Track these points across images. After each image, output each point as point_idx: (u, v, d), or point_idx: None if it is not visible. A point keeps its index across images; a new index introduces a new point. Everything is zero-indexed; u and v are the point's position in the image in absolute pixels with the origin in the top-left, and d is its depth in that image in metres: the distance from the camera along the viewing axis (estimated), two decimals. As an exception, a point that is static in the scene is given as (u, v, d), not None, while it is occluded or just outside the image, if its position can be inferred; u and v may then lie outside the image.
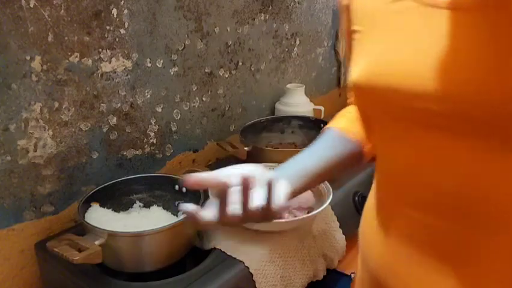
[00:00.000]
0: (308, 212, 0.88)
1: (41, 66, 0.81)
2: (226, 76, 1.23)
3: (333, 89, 1.79)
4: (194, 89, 1.14)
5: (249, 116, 1.35)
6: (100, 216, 0.82)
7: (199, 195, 0.84)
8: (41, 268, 0.87)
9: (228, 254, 0.81)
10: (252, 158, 1.06)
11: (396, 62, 0.44)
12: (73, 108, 0.88)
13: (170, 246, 0.78)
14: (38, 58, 0.80)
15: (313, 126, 1.24)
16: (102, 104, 0.94)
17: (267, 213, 0.46)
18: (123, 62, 0.95)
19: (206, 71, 1.16)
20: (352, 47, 0.53)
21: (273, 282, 0.80)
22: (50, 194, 0.88)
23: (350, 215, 1.03)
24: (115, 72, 0.94)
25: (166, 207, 0.90)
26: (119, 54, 0.94)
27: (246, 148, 1.07)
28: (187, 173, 0.94)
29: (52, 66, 0.83)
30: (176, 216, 0.88)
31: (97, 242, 0.72)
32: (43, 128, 0.84)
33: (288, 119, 1.27)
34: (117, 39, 0.93)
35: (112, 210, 0.87)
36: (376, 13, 0.49)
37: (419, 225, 0.47)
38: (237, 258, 0.79)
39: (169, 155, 1.12)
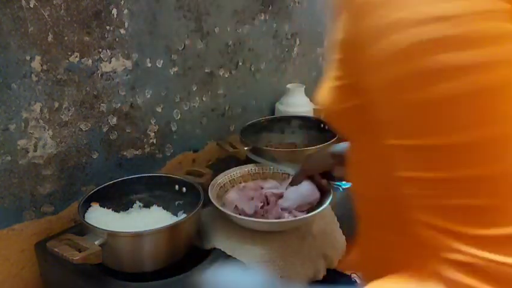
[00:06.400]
0: (308, 212, 0.88)
1: (41, 66, 0.81)
2: (226, 76, 1.23)
3: (333, 89, 1.79)
4: (194, 89, 1.14)
5: (249, 116, 1.35)
6: (100, 216, 0.82)
7: (199, 195, 0.84)
8: (41, 268, 0.87)
9: (228, 254, 0.81)
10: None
11: None
12: (73, 108, 0.88)
13: (170, 246, 0.78)
14: (38, 58, 0.80)
15: (313, 126, 1.24)
16: (102, 104, 0.94)
17: None
18: (123, 62, 0.95)
19: (206, 71, 1.16)
20: None
21: (273, 282, 0.80)
22: (50, 194, 0.88)
23: (350, 215, 1.03)
24: (115, 72, 0.94)
25: (166, 207, 0.90)
26: (119, 54, 0.94)
27: (246, 148, 1.07)
28: (186, 174, 0.95)
29: (52, 66, 0.83)
30: (177, 216, 0.88)
31: (96, 242, 0.72)
32: (43, 128, 0.84)
33: (288, 119, 1.27)
34: (117, 39, 0.93)
35: (112, 210, 0.87)
36: None
37: None
38: (237, 258, 0.79)
39: (169, 155, 1.13)
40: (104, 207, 0.86)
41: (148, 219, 0.85)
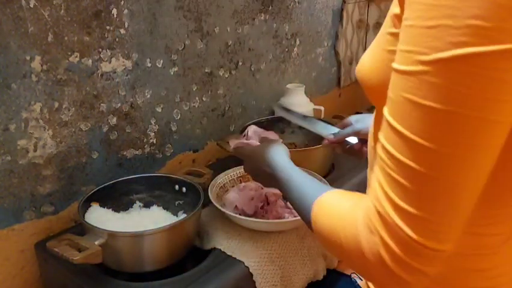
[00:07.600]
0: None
1: (41, 66, 0.81)
2: (226, 76, 1.23)
3: (333, 89, 1.79)
4: (194, 89, 1.14)
5: (249, 116, 1.35)
6: (100, 216, 0.82)
7: (199, 196, 0.84)
8: (41, 268, 0.87)
9: (228, 254, 0.81)
10: (252, 158, 1.06)
11: None
12: (73, 108, 0.88)
13: (170, 246, 0.78)
14: (38, 58, 0.80)
15: (313, 126, 1.24)
16: (102, 104, 0.94)
17: None
18: (123, 62, 0.95)
19: (206, 71, 1.16)
20: None
21: (273, 282, 0.80)
22: (50, 194, 0.89)
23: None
24: (115, 72, 0.94)
25: (166, 207, 0.90)
26: (119, 54, 0.94)
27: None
28: (186, 173, 0.94)
29: (52, 66, 0.83)
30: (176, 216, 0.88)
31: (96, 242, 0.72)
32: (43, 128, 0.84)
33: (288, 119, 1.27)
34: (117, 39, 0.93)
35: (112, 210, 0.87)
36: None
37: None
38: (237, 258, 0.79)
39: (169, 155, 1.13)
40: (104, 207, 0.86)
41: (148, 219, 0.85)
